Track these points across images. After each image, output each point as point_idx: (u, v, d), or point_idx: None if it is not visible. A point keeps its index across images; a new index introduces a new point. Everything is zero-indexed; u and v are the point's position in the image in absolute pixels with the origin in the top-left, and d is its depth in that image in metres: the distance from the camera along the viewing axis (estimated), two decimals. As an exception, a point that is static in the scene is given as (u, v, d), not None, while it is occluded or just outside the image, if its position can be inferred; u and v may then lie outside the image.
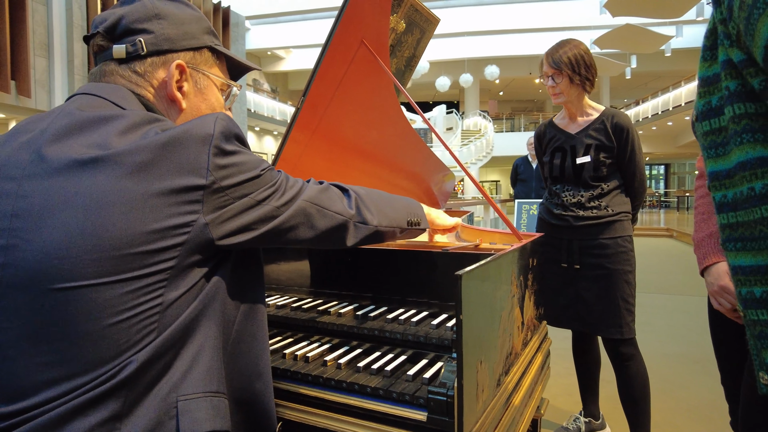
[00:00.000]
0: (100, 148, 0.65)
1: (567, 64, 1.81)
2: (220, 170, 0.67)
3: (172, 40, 0.78)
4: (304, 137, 1.54)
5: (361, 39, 1.50)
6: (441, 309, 1.12)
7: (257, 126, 17.67)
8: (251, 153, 0.75)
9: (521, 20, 16.38)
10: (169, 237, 0.64)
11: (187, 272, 0.66)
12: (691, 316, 4.19)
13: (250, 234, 0.72)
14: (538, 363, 1.24)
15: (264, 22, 17.18)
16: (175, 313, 0.66)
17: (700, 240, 1.36)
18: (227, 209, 0.68)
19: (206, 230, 0.66)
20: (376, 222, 0.89)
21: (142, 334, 0.63)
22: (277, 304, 1.22)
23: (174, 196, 0.64)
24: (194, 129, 0.67)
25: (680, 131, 20.87)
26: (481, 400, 0.83)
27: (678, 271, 6.61)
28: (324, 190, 0.83)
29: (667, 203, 24.47)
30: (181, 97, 0.79)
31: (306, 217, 0.78)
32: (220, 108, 0.86)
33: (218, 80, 0.85)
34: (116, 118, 0.68)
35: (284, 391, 0.91)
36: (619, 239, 1.83)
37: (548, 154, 1.97)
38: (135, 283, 0.62)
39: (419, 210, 1.06)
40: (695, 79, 7.50)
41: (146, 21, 0.76)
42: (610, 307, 1.80)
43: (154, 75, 0.77)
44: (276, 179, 0.76)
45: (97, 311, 0.61)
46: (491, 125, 21.51)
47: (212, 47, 0.83)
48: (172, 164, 0.65)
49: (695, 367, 2.93)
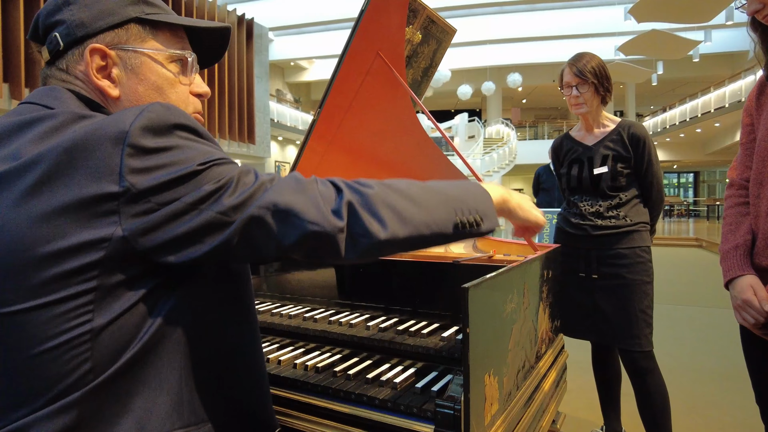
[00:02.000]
0: (10, 160, 0.58)
1: (592, 73, 1.83)
2: (137, 174, 0.57)
3: (85, 23, 0.68)
4: (321, 147, 1.56)
5: (376, 51, 1.51)
6: (452, 321, 1.11)
7: (280, 135, 17.93)
8: (194, 146, 0.61)
9: (544, 27, 16.27)
10: (81, 256, 0.56)
11: (118, 294, 0.58)
12: (722, 329, 4.05)
13: (193, 248, 0.59)
14: (553, 376, 1.22)
15: (287, 33, 17.48)
16: (113, 339, 0.58)
17: (726, 252, 1.33)
18: (149, 218, 0.57)
19: (128, 244, 0.57)
20: (386, 234, 0.65)
21: (73, 364, 0.56)
22: (290, 314, 1.24)
23: (82, 209, 0.56)
24: (104, 127, 0.57)
25: (709, 138, 20.32)
26: (489, 414, 0.82)
27: (707, 283, 6.41)
28: (298, 191, 0.63)
29: (696, 212, 23.81)
30: (108, 84, 0.69)
31: (264, 227, 0.61)
32: (168, 85, 0.73)
33: (158, 54, 0.71)
34: (38, 121, 0.60)
35: (294, 401, 0.92)
36: (637, 249, 1.82)
37: (565, 166, 1.98)
38: (57, 307, 0.55)
39: (482, 203, 0.74)
40: (725, 85, 7.39)
41: (56, 12, 0.68)
42: (627, 318, 1.78)
43: (76, 68, 0.68)
44: (223, 176, 0.61)
45: (26, 339, 0.56)
46: (514, 133, 21.36)
47: (139, 18, 0.70)
48: (79, 172, 0.56)
49: (727, 384, 2.82)
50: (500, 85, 19.93)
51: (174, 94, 0.74)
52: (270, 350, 1.11)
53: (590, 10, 15.80)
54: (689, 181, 30.20)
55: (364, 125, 1.66)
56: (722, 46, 15.90)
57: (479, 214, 0.73)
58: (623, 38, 12.51)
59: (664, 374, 1.82)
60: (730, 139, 17.40)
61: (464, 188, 0.75)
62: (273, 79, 18.55)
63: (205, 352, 0.66)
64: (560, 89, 1.95)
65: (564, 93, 1.92)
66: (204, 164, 0.60)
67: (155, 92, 0.72)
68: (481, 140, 20.79)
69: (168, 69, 0.73)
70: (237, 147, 13.32)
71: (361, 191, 0.66)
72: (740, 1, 1.18)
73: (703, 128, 18.57)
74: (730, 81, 15.90)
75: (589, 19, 15.74)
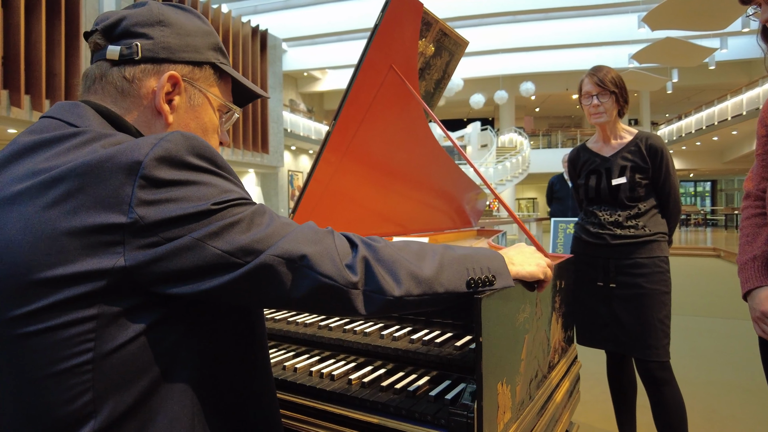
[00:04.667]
0: (26, 179, 0.58)
1: (612, 83, 1.86)
2: (147, 206, 0.56)
3: (171, 49, 0.71)
4: (336, 158, 1.59)
5: (390, 64, 1.55)
6: (465, 331, 1.12)
7: (293, 145, 18.10)
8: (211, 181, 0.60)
9: (557, 36, 16.25)
10: (83, 284, 0.55)
11: (120, 323, 0.57)
12: (742, 341, 3.97)
13: (195, 284, 0.58)
14: (566, 386, 1.23)
15: (300, 44, 17.72)
16: (116, 370, 0.57)
17: (743, 263, 1.32)
18: (153, 251, 0.56)
19: (130, 276, 0.56)
20: (400, 291, 0.66)
21: (75, 392, 0.55)
22: (306, 322, 1.26)
23: (88, 236, 0.55)
24: (121, 154, 0.57)
25: (727, 146, 20.04)
26: (502, 422, 0.83)
27: (726, 293, 6.29)
28: (314, 242, 0.63)
29: (714, 221, 23.40)
30: (168, 110, 0.71)
31: (274, 277, 0.60)
32: (212, 130, 0.77)
33: (216, 101, 0.76)
34: (60, 139, 0.61)
35: (310, 408, 0.94)
36: (656, 259, 1.83)
37: (583, 177, 2.00)
38: (59, 333, 0.55)
39: (494, 261, 0.77)
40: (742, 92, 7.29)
41: (148, 26, 0.70)
42: (645, 328, 1.78)
43: (143, 83, 0.70)
44: (236, 216, 0.59)
45: (29, 364, 0.55)
46: (527, 142, 21.27)
47: (216, 65, 0.76)
48: (89, 198, 0.55)
49: (745, 397, 2.77)
50: (513, 93, 19.91)
51: (212, 139, 0.78)
52: (286, 358, 1.13)
53: (604, 18, 15.75)
54: (706, 189, 29.75)
55: (378, 136, 1.69)
56: (738, 53, 15.73)
57: (492, 273, 0.75)
58: (637, 46, 12.43)
59: (682, 386, 1.81)
60: (748, 147, 17.13)
61: (475, 250, 0.78)
62: (286, 89, 18.78)
63: (217, 388, 0.65)
64: (579, 99, 1.97)
65: (583, 103, 1.94)
66: (219, 204, 0.59)
67: (201, 132, 0.75)
68: (493, 149, 20.74)
69: (219, 116, 0.78)
70: (251, 156, 13.48)
71: (375, 248, 0.68)
72: (753, 8, 1.19)
73: (720, 136, 18.31)
74: (747, 88, 15.70)
75: (603, 28, 15.69)
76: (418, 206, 2.08)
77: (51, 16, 8.23)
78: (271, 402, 0.75)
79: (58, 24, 8.37)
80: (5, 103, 7.60)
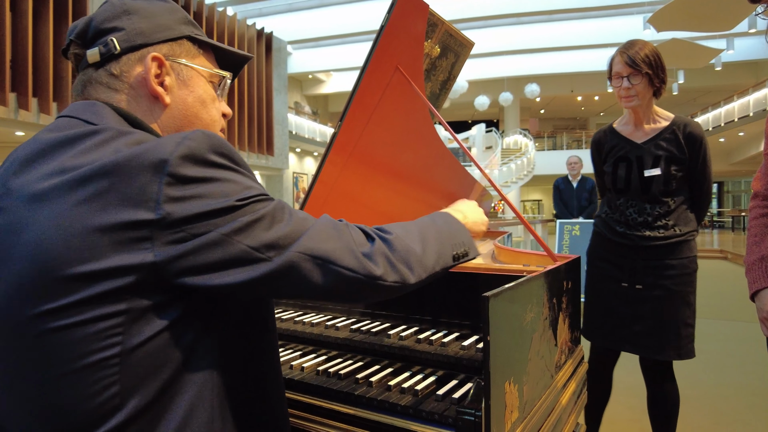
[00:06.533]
0: (54, 176, 0.59)
1: (646, 62, 1.65)
2: (174, 202, 0.58)
3: (145, 33, 0.72)
4: (341, 159, 1.60)
5: (396, 65, 1.55)
6: (472, 331, 1.13)
7: (298, 147, 18.15)
8: (233, 178, 0.63)
9: (562, 37, 16.22)
10: (113, 279, 0.56)
11: (147, 318, 0.59)
12: (750, 344, 3.95)
13: (219, 278, 0.60)
14: (573, 387, 1.22)
15: (305, 47, 17.76)
16: (142, 364, 0.58)
17: (751, 263, 1.32)
18: (181, 246, 0.58)
19: (159, 271, 0.58)
20: (414, 278, 0.73)
21: (102, 385, 0.57)
22: (312, 322, 1.26)
23: (117, 232, 0.57)
24: (147, 153, 0.59)
25: (734, 148, 19.92)
26: (509, 421, 0.83)
27: (733, 296, 6.25)
28: (333, 237, 0.67)
29: (721, 223, 23.25)
30: (163, 91, 0.72)
31: (301, 273, 0.63)
32: (210, 101, 0.78)
33: (204, 71, 0.78)
34: (81, 138, 0.62)
35: (317, 406, 0.94)
36: (685, 260, 1.74)
37: (610, 163, 1.82)
38: (88, 327, 0.56)
39: (464, 235, 0.86)
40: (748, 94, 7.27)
41: (115, 19, 0.72)
42: (672, 330, 1.72)
43: (130, 73, 0.71)
44: (258, 212, 0.62)
45: (57, 358, 0.56)
46: (532, 144, 21.24)
47: (192, 36, 0.77)
48: (117, 196, 0.57)
49: (755, 401, 2.75)
50: (518, 95, 19.88)
51: (213, 109, 0.80)
52: (293, 357, 1.14)
53: (609, 19, 15.70)
54: (713, 191, 29.58)
55: (384, 137, 1.69)
56: (745, 54, 15.63)
57: (465, 246, 0.84)
58: (642, 48, 12.36)
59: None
60: (755, 148, 17.02)
61: (447, 223, 0.85)
62: (291, 91, 18.83)
63: (232, 381, 0.67)
64: (608, 78, 1.78)
65: (613, 84, 1.75)
66: (242, 200, 0.61)
67: (200, 105, 0.77)
68: (498, 151, 20.72)
69: (213, 87, 0.80)
70: (256, 159, 13.52)
71: (388, 240, 0.73)
72: (761, 6, 1.18)
73: (727, 138, 18.21)
74: (754, 89, 15.61)
75: (608, 29, 15.64)
76: (423, 207, 2.09)
77: (58, 19, 8.30)
78: (280, 396, 0.77)
79: (65, 27, 8.43)
80: (13, 105, 7.67)
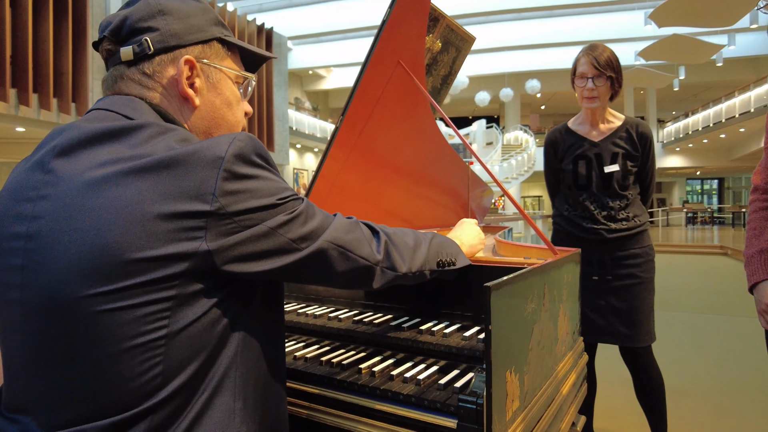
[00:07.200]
0: (108, 165, 0.62)
1: (609, 65, 1.76)
2: (228, 196, 0.63)
3: (178, 35, 0.74)
4: (343, 154, 1.60)
5: (397, 60, 1.56)
6: (473, 322, 1.14)
7: (299, 143, 18.15)
8: (273, 178, 0.69)
9: (563, 33, 16.19)
10: (168, 266, 0.60)
11: (192, 303, 0.63)
12: (748, 339, 3.97)
13: (261, 265, 0.67)
14: (573, 379, 1.24)
15: (305, 42, 17.73)
16: (184, 346, 0.62)
17: (750, 256, 1.33)
18: (233, 237, 0.64)
19: (210, 259, 0.62)
20: (405, 268, 0.87)
21: (147, 366, 0.60)
22: (315, 314, 1.28)
23: (175, 221, 0.60)
24: (204, 150, 0.63)
25: (734, 144, 19.90)
26: (510, 410, 0.84)
27: (733, 291, 6.27)
28: (351, 230, 0.78)
29: (721, 219, 23.26)
30: (193, 94, 0.75)
31: (326, 259, 0.74)
32: (236, 102, 0.82)
33: (232, 73, 0.81)
34: (130, 130, 0.66)
35: (320, 396, 0.95)
36: (647, 248, 1.88)
37: (569, 161, 1.92)
38: (138, 310, 0.59)
39: (454, 248, 1.04)
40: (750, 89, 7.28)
41: (150, 18, 0.73)
42: (642, 315, 1.83)
43: (163, 74, 0.74)
44: (296, 209, 0.70)
45: (106, 338, 0.59)
46: (533, 139, 21.22)
47: (222, 38, 0.79)
48: (176, 187, 0.61)
49: (753, 395, 2.76)
50: (518, 91, 19.87)
51: (239, 111, 0.83)
52: (296, 348, 1.15)
53: (610, 15, 15.67)
54: (713, 187, 29.60)
55: (385, 132, 1.70)
56: (747, 49, 15.62)
57: (451, 257, 1.02)
58: (644, 43, 12.37)
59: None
60: (756, 144, 17.01)
61: (440, 239, 1.02)
62: (292, 87, 18.81)
63: (254, 365, 0.71)
64: (571, 78, 1.88)
65: (577, 84, 1.84)
66: (282, 199, 0.69)
67: (227, 107, 0.81)
68: (499, 147, 20.70)
69: (238, 87, 0.83)
70: (257, 154, 13.50)
71: (388, 233, 0.87)
72: (762, 1, 1.19)
73: (728, 134, 18.19)
74: (755, 85, 15.58)
75: (609, 25, 15.61)
76: (424, 202, 2.10)
77: (58, 15, 8.29)
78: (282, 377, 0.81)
79: (65, 23, 8.42)
80: (14, 101, 7.67)
